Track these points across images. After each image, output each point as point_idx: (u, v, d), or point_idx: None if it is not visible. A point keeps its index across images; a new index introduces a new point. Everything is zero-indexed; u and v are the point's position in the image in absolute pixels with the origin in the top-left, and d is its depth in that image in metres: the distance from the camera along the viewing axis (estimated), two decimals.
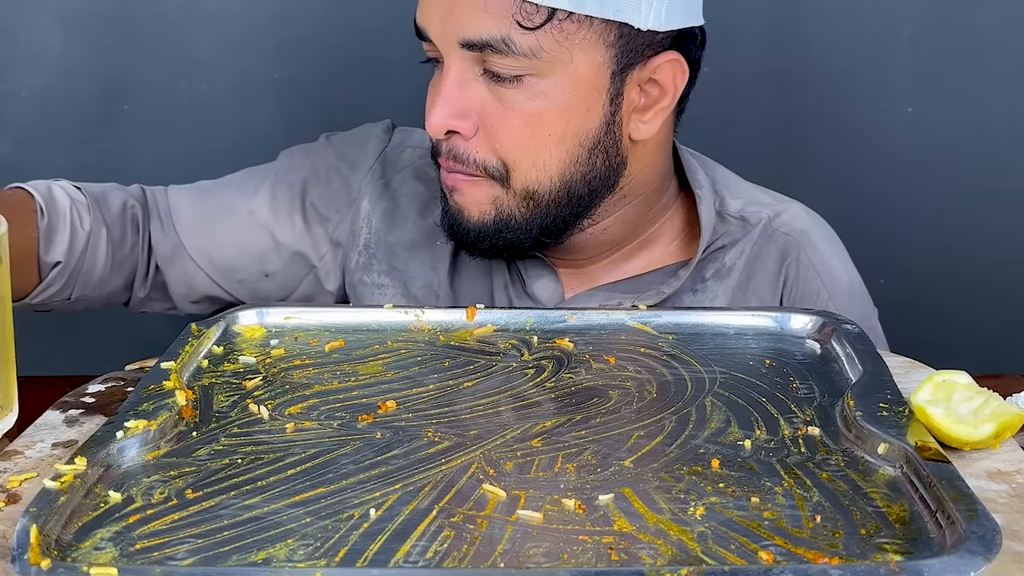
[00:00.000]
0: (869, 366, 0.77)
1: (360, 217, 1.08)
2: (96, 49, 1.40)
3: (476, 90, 0.92)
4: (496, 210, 0.95)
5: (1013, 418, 0.69)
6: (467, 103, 0.92)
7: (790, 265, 1.02)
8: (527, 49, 0.89)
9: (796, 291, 1.02)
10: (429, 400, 0.76)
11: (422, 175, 1.09)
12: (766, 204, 1.05)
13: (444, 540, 0.58)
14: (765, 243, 1.03)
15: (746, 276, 1.02)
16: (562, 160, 0.94)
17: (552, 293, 1.03)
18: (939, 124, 1.40)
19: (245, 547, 0.57)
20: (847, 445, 0.68)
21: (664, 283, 1.01)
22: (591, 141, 0.94)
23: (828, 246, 1.05)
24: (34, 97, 1.39)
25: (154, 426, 0.68)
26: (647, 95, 0.95)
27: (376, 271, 1.07)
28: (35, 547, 0.54)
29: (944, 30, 1.37)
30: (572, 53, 0.90)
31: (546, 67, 0.90)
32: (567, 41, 0.90)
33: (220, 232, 1.09)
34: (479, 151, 0.93)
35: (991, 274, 1.43)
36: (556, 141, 0.93)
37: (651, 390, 0.77)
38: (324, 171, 1.10)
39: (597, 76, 0.92)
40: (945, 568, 0.53)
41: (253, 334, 0.87)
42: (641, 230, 1.03)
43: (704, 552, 0.56)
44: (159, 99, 1.43)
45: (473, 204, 0.96)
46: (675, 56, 0.94)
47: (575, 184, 0.95)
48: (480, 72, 0.92)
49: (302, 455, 0.67)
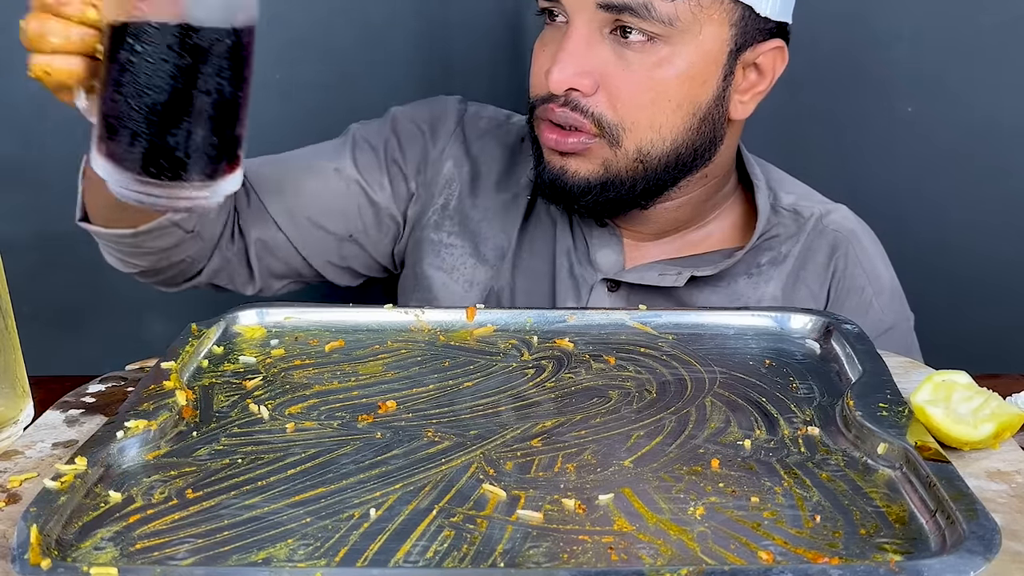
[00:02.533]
0: (869, 366, 0.77)
1: (441, 177, 1.11)
2: None
3: (602, 50, 0.96)
4: (605, 170, 0.99)
5: (1013, 418, 0.69)
6: (592, 62, 0.95)
7: (839, 259, 1.07)
8: (665, 16, 0.93)
9: (843, 284, 1.07)
10: (429, 400, 0.76)
11: (501, 142, 1.13)
12: (817, 201, 1.11)
13: (444, 540, 0.58)
14: (817, 237, 1.08)
15: (799, 265, 1.07)
16: (676, 126, 0.98)
17: (613, 263, 1.07)
18: (939, 124, 1.40)
19: (245, 547, 0.57)
20: (847, 445, 0.68)
21: (720, 262, 1.06)
22: (703, 112, 0.98)
23: (874, 247, 1.10)
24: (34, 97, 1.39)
25: (154, 426, 0.68)
26: (747, 78, 1.01)
27: (447, 231, 1.11)
28: (35, 547, 0.54)
29: (944, 30, 1.37)
30: (702, 26, 0.95)
31: (676, 35, 0.95)
32: (701, 14, 0.95)
33: (306, 188, 1.10)
34: (598, 106, 0.96)
35: (991, 274, 1.43)
36: (674, 107, 0.97)
37: (651, 390, 0.77)
38: (406, 132, 1.13)
39: (719, 52, 0.97)
40: (945, 568, 0.53)
41: (253, 334, 0.87)
42: (706, 213, 1.08)
43: (704, 552, 0.57)
44: None
45: (582, 165, 0.99)
46: (780, 44, 1.00)
47: (684, 151, 0.99)
48: (608, 32, 0.95)
49: (302, 455, 0.67)
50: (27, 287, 0.97)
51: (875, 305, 1.06)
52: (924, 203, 1.42)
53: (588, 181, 0.99)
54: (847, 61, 1.39)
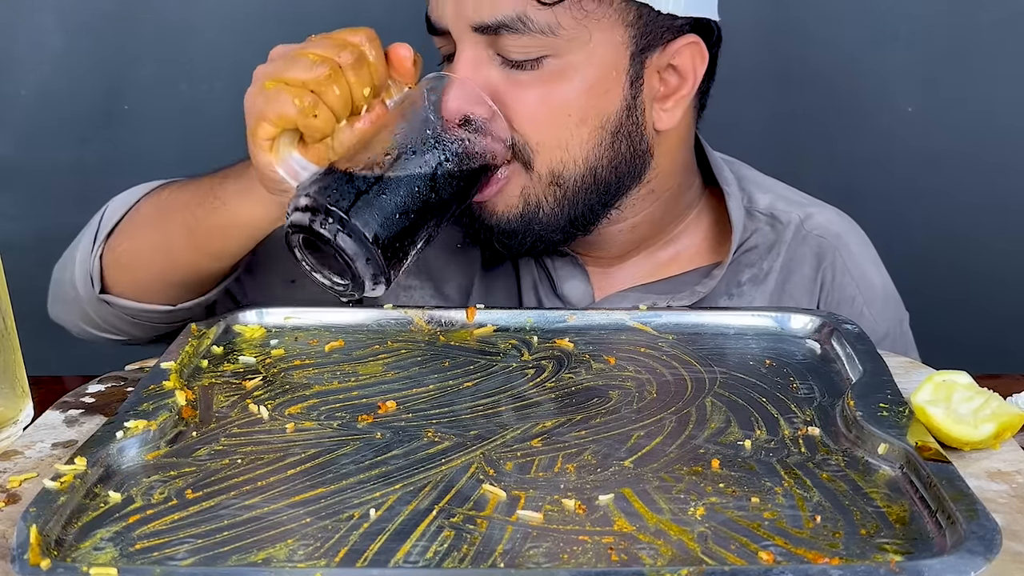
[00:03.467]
0: (869, 366, 0.77)
1: None
2: (96, 49, 1.40)
3: (493, 75, 0.89)
4: (524, 201, 0.92)
5: (1013, 418, 0.69)
6: (483, 88, 0.89)
7: (826, 270, 1.01)
8: (544, 26, 0.87)
9: (833, 296, 1.01)
10: (429, 400, 0.76)
11: None
12: (796, 203, 1.04)
13: (444, 540, 0.58)
14: (799, 245, 1.02)
15: (783, 279, 1.01)
16: (584, 142, 0.91)
17: (583, 294, 1.02)
18: (939, 124, 1.40)
19: (245, 547, 0.57)
20: (847, 445, 0.68)
21: (699, 283, 1.00)
22: (613, 125, 0.92)
23: (863, 250, 1.05)
24: (34, 97, 1.39)
25: (154, 426, 0.68)
26: (666, 83, 0.94)
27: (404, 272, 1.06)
28: (35, 547, 0.54)
29: (944, 29, 1.37)
30: (591, 32, 0.88)
31: (563, 45, 0.88)
32: (586, 19, 0.88)
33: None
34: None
35: (991, 274, 1.43)
36: (576, 122, 0.90)
37: (651, 390, 0.77)
38: None
39: (616, 56, 0.90)
40: (945, 568, 0.53)
41: (253, 334, 0.87)
42: (669, 228, 1.02)
43: (704, 552, 0.56)
44: (159, 99, 1.43)
45: (500, 202, 0.93)
46: (694, 39, 0.93)
47: (600, 169, 0.92)
48: (492, 56, 0.89)
49: (302, 455, 0.67)
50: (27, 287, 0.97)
51: (866, 314, 1.01)
52: (923, 202, 1.42)
53: (509, 219, 0.93)
54: (846, 61, 1.39)
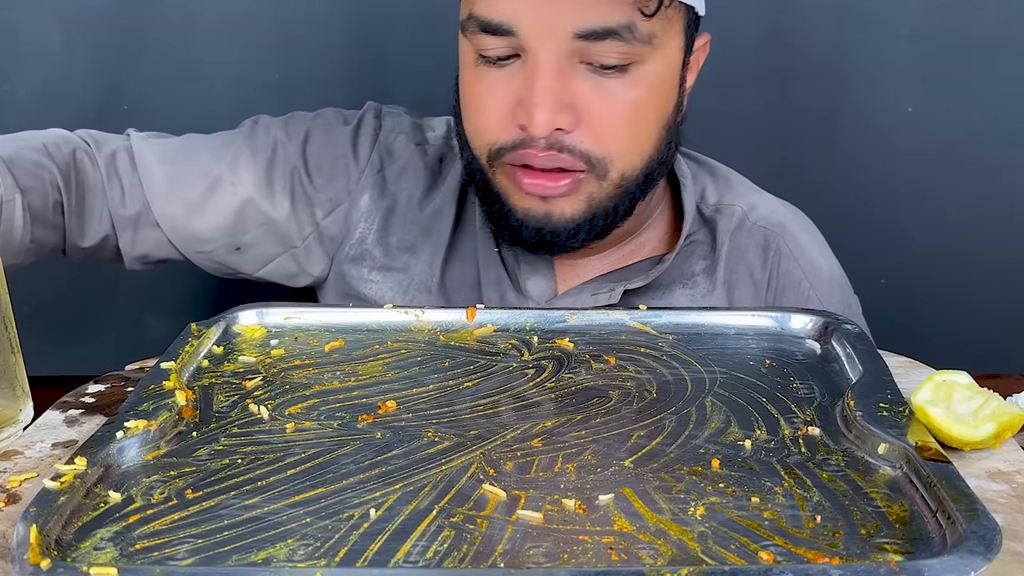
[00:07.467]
0: (869, 366, 0.77)
1: (358, 211, 1.06)
2: (96, 49, 1.40)
3: (578, 82, 0.89)
4: (588, 203, 0.93)
5: (1013, 418, 0.69)
6: (570, 96, 0.89)
7: (773, 257, 1.04)
8: (646, 35, 0.88)
9: (780, 281, 1.04)
10: (429, 400, 0.76)
11: (417, 164, 1.07)
12: (742, 195, 1.07)
13: (444, 540, 0.58)
14: (744, 236, 1.04)
15: (730, 269, 1.03)
16: (653, 145, 0.94)
17: (544, 289, 1.02)
18: (939, 124, 1.39)
19: (245, 547, 0.57)
20: (847, 445, 0.68)
21: (650, 270, 1.02)
22: (670, 123, 0.95)
23: (807, 236, 1.07)
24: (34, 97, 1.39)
25: (154, 426, 0.68)
26: (689, 78, 0.98)
27: (367, 266, 1.06)
28: (35, 547, 0.54)
29: (944, 29, 1.37)
30: (670, 39, 0.91)
31: (650, 54, 0.90)
32: (669, 26, 0.90)
33: (195, 200, 1.05)
34: (583, 142, 0.90)
35: (991, 274, 1.43)
36: (650, 127, 0.93)
37: (651, 390, 0.77)
38: (316, 156, 1.07)
39: (676, 59, 0.93)
40: (945, 568, 0.53)
41: (253, 334, 0.87)
42: (643, 222, 1.03)
43: (704, 552, 0.56)
44: (159, 99, 1.43)
45: (567, 205, 0.93)
46: (708, 38, 0.96)
47: (654, 164, 0.95)
48: (578, 62, 0.89)
49: (302, 455, 0.67)
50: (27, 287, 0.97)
51: (814, 298, 1.03)
52: (923, 202, 1.42)
53: (575, 220, 0.94)
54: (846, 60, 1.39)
